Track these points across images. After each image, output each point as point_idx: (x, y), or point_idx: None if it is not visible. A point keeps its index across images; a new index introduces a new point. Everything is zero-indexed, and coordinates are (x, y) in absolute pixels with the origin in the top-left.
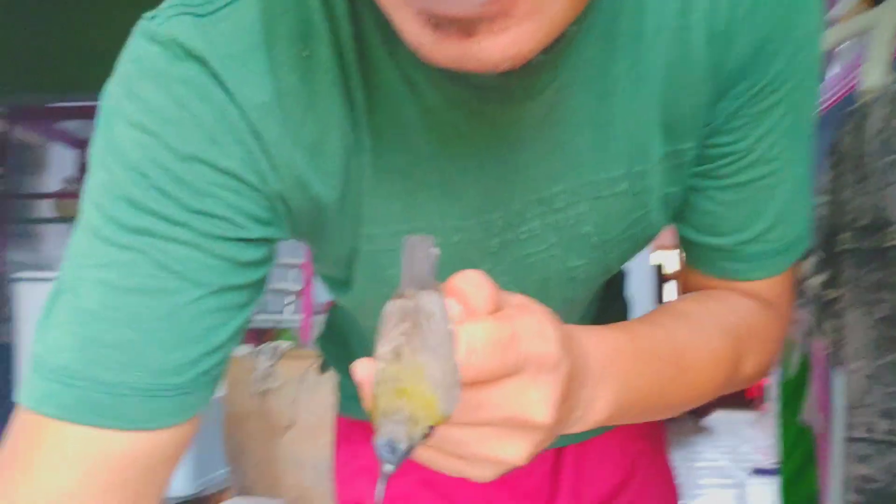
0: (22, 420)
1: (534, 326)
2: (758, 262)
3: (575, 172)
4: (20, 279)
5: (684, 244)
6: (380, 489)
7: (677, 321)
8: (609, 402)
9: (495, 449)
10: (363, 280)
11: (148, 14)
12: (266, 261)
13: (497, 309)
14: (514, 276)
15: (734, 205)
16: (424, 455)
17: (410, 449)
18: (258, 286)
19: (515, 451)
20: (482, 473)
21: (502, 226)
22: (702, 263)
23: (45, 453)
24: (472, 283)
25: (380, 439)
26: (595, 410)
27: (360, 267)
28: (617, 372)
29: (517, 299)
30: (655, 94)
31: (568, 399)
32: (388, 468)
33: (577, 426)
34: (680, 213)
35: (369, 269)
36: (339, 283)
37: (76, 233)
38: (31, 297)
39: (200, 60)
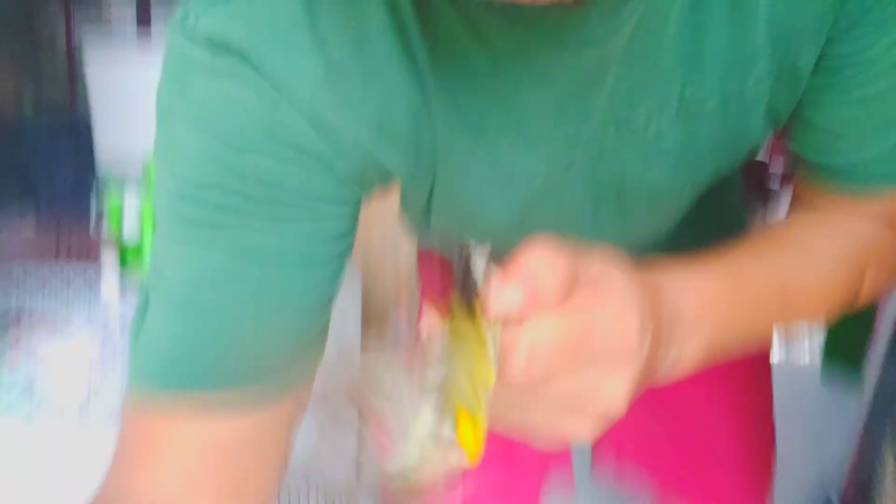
0: (130, 414)
1: (610, 317)
2: (881, 181)
3: (659, 90)
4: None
5: (797, 161)
6: None
7: (786, 251)
8: (698, 354)
9: (561, 430)
10: (441, 226)
11: (180, 12)
12: (348, 231)
13: (570, 288)
14: (592, 193)
15: (856, 121)
16: (496, 422)
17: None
18: (343, 255)
19: (581, 433)
20: (547, 444)
21: (581, 156)
22: (817, 181)
23: (156, 447)
24: (542, 265)
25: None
26: (681, 366)
27: (437, 216)
28: (712, 320)
29: (595, 270)
30: (760, 5)
31: (648, 373)
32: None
33: (659, 382)
34: (792, 129)
35: (447, 219)
36: (418, 225)
37: (154, 232)
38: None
39: (239, 53)
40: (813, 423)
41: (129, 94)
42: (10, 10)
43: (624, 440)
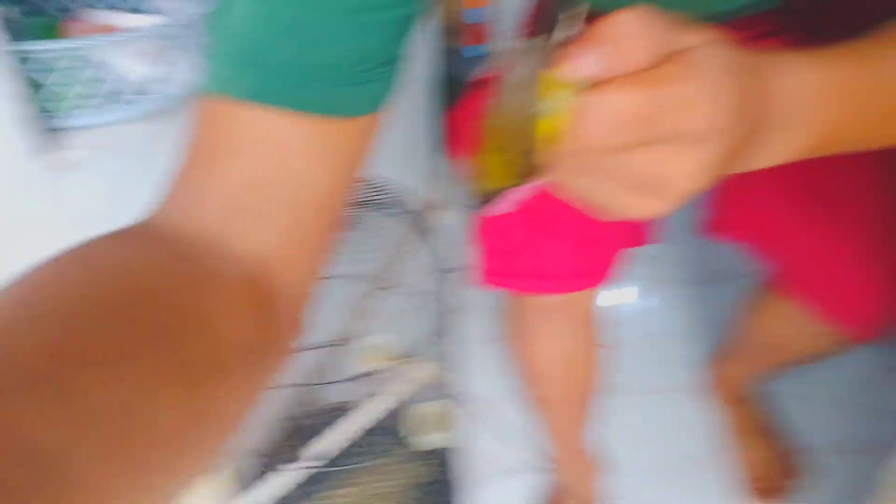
0: (206, 111)
1: (697, 93)
2: None
3: None
4: None
5: None
6: (474, 219)
7: None
8: (809, 146)
9: (625, 205)
10: None
11: None
12: None
13: (660, 58)
14: None
15: None
16: (558, 185)
17: (491, 202)
18: None
19: (645, 210)
20: (609, 216)
21: None
22: None
23: (233, 140)
24: (633, 29)
25: (470, 184)
26: (784, 156)
27: None
28: (833, 115)
29: (692, 42)
30: None
31: (736, 158)
32: (476, 210)
33: (740, 171)
34: None
35: None
36: None
37: None
38: None
39: None
40: None
41: None
42: None
43: (749, 217)
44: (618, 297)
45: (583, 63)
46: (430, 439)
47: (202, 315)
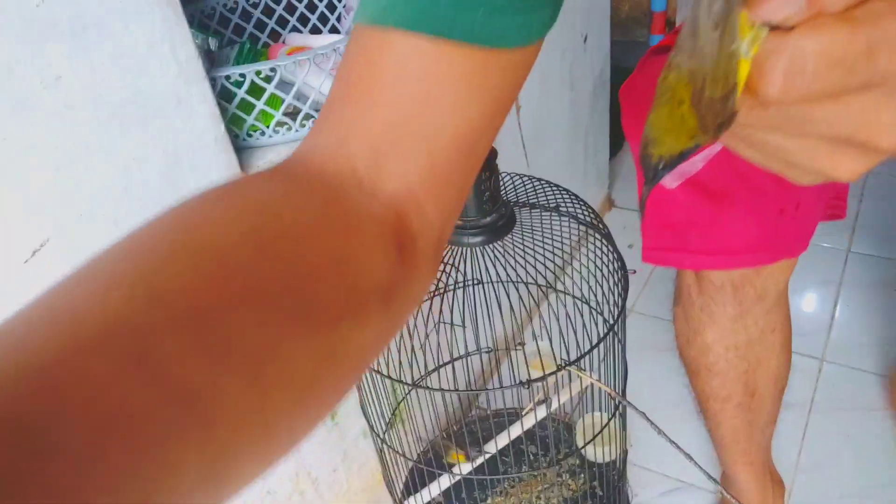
0: (357, 43)
1: None
2: None
3: None
4: None
5: None
6: (644, 193)
7: None
8: None
9: (822, 164)
10: None
11: None
12: None
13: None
14: None
15: None
16: (740, 146)
17: (665, 169)
18: None
19: (846, 169)
20: (801, 179)
21: None
22: None
23: (382, 73)
24: None
25: (640, 154)
26: None
27: None
28: None
29: None
30: None
31: None
32: (647, 185)
33: None
34: None
35: None
36: None
37: None
38: None
39: None
40: None
41: None
42: None
43: None
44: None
45: (783, 1)
46: (595, 451)
47: (344, 254)
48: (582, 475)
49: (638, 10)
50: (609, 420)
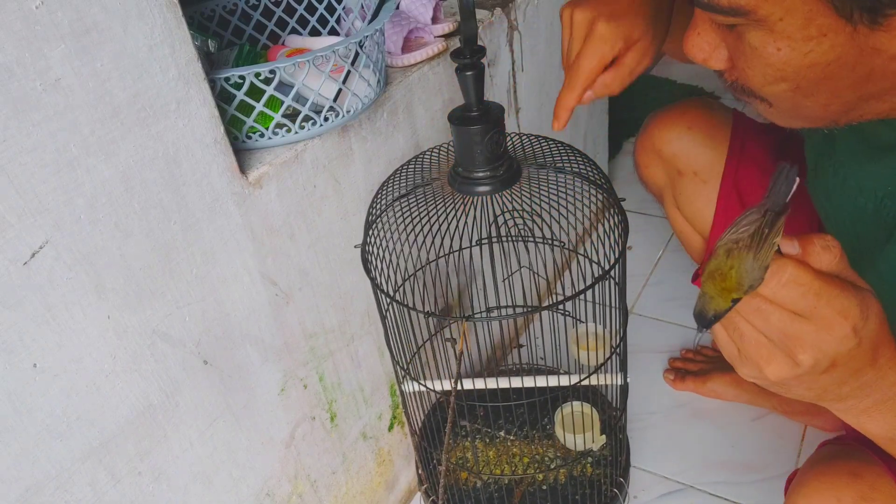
0: None
1: (844, 301)
2: None
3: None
4: None
5: None
6: (696, 339)
7: None
8: (867, 407)
9: (760, 356)
10: None
11: None
12: None
13: (832, 273)
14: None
15: None
16: (716, 332)
17: (715, 319)
18: None
19: (773, 369)
20: (741, 369)
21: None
22: None
23: None
24: (823, 245)
25: (695, 308)
26: (851, 402)
27: None
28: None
29: (853, 278)
30: None
31: (842, 377)
32: (699, 332)
33: (831, 396)
34: None
35: None
36: None
37: None
38: None
39: None
40: None
41: None
42: None
43: None
44: None
45: (795, 244)
46: (585, 441)
47: None
48: (575, 463)
49: None
50: (601, 414)
